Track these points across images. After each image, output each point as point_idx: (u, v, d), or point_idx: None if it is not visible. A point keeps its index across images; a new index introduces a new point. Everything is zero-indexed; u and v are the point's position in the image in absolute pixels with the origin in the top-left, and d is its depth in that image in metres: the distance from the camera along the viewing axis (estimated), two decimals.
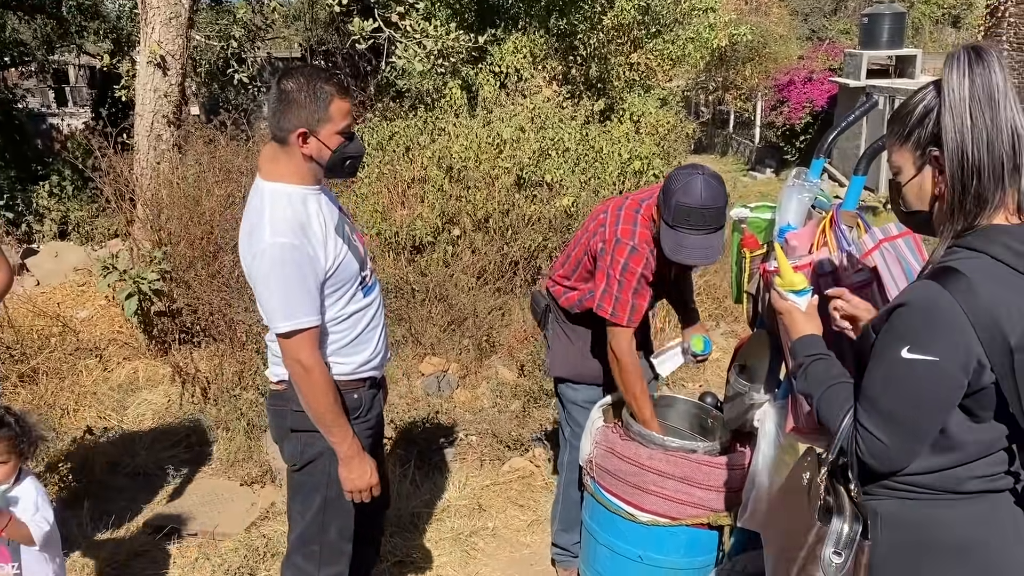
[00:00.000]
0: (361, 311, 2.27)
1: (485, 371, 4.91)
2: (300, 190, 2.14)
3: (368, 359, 2.31)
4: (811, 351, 1.65)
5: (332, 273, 2.14)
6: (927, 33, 20.95)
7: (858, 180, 2.37)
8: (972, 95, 1.39)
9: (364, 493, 2.24)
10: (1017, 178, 1.42)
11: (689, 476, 2.41)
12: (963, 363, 1.38)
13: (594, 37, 8.39)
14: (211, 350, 4.80)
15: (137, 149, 6.36)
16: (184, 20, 6.31)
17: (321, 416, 2.15)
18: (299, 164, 2.13)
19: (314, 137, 2.09)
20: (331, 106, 2.08)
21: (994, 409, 1.43)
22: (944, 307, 1.37)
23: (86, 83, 21.21)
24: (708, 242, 2.50)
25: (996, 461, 1.48)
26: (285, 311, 2.07)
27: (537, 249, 5.93)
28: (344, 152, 2.15)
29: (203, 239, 5.22)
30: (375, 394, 2.39)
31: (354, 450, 2.19)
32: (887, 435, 1.44)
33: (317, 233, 2.11)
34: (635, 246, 2.59)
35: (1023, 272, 1.37)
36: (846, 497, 1.56)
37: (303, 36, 15.88)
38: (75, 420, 4.32)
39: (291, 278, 2.05)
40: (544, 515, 3.57)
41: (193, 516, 3.54)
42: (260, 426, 4.07)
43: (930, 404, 1.42)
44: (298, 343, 2.09)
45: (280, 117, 2.09)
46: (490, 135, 6.35)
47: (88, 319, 5.47)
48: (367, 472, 2.21)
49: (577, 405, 2.99)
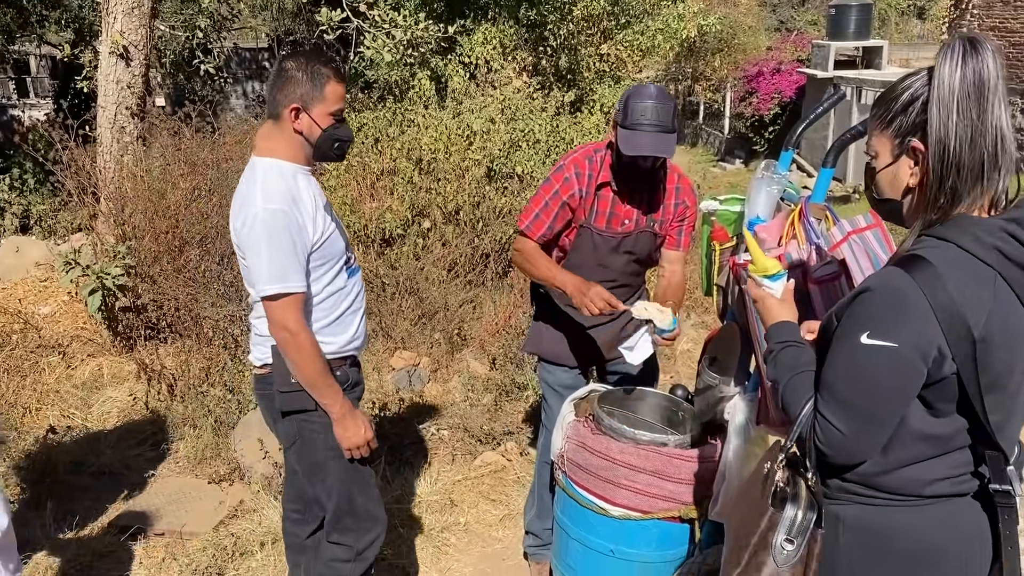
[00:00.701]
0: (343, 291, 2.35)
1: (456, 365, 4.89)
2: (291, 166, 2.24)
3: (350, 340, 2.41)
4: (782, 338, 1.63)
5: (319, 246, 2.23)
6: (893, 24, 21.18)
7: (826, 172, 2.37)
8: (962, 89, 1.37)
9: (362, 448, 2.32)
10: (996, 178, 1.40)
11: (660, 470, 2.40)
12: (923, 351, 1.36)
13: (564, 28, 8.35)
14: (177, 346, 4.72)
15: (100, 141, 6.23)
16: (147, 10, 6.18)
17: (311, 380, 2.22)
18: (290, 140, 2.23)
19: (306, 114, 2.19)
20: (326, 87, 2.19)
21: (954, 402, 1.41)
22: (907, 294, 1.36)
23: (48, 74, 20.78)
24: (661, 140, 2.56)
25: (959, 461, 1.46)
26: (273, 274, 2.14)
27: (508, 241, 5.91)
28: (334, 134, 2.25)
29: (168, 233, 5.13)
30: (358, 371, 2.48)
31: (345, 408, 2.27)
32: (844, 423, 1.42)
33: (307, 206, 2.20)
34: (562, 164, 2.75)
35: (990, 263, 1.36)
36: (803, 485, 1.54)
37: (270, 26, 15.66)
38: (37, 419, 4.23)
39: (281, 243, 2.13)
40: (516, 510, 3.56)
41: (160, 515, 3.48)
42: (228, 423, 4.02)
43: (888, 392, 1.40)
44: (285, 307, 2.16)
45: (276, 92, 2.20)
46: (460, 127, 6.30)
47: (50, 315, 5.35)
48: (361, 428, 2.30)
49: (552, 389, 3.02)
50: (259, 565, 3.17)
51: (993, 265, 1.36)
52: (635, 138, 2.55)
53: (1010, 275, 1.37)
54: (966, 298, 1.34)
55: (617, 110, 2.65)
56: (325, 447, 2.33)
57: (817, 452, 1.48)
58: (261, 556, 3.21)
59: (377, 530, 2.46)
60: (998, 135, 1.38)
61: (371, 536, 2.45)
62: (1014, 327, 1.38)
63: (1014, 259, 1.37)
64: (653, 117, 2.54)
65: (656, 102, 2.55)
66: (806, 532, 1.51)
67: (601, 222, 2.79)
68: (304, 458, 2.38)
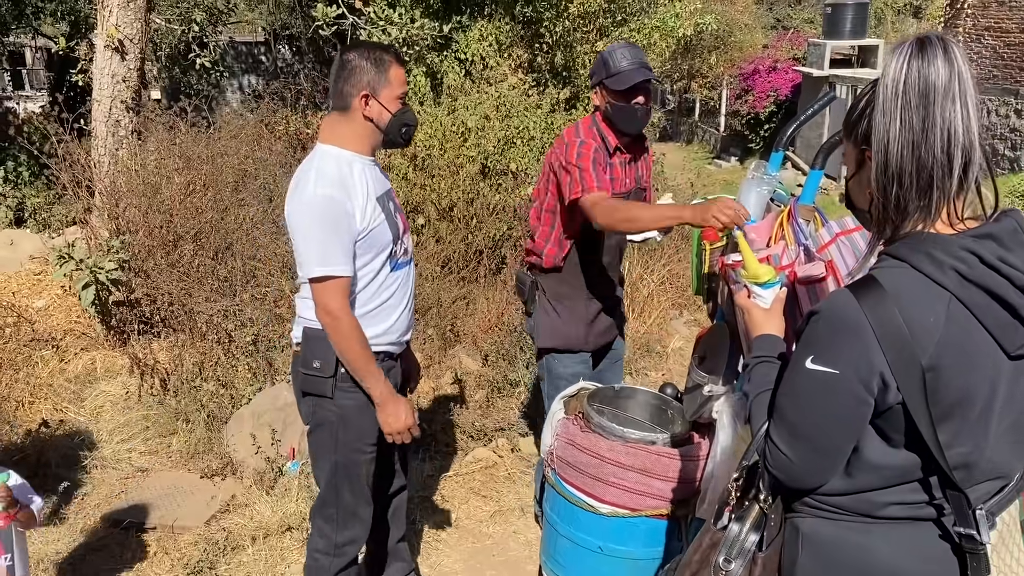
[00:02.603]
0: (385, 283, 2.38)
1: (449, 361, 4.90)
2: (350, 155, 2.29)
3: (384, 332, 2.40)
4: (760, 352, 1.59)
5: (364, 236, 2.25)
6: (889, 23, 21.19)
7: (815, 174, 2.39)
8: (904, 92, 1.27)
9: (403, 435, 2.35)
10: (949, 188, 1.30)
11: (649, 468, 2.42)
12: (864, 378, 1.29)
13: (560, 25, 8.34)
14: (171, 341, 4.72)
15: (95, 135, 6.23)
16: (142, 3, 6.18)
17: (353, 363, 2.27)
18: (358, 129, 2.29)
19: (375, 100, 2.26)
20: (390, 71, 2.26)
21: (903, 433, 1.33)
22: (850, 318, 1.29)
23: (43, 66, 20.71)
24: (646, 71, 2.86)
25: (916, 489, 1.37)
26: (321, 257, 2.19)
27: (502, 238, 5.92)
28: (402, 118, 2.31)
29: (163, 227, 5.13)
30: (391, 368, 2.48)
31: (387, 394, 2.31)
32: (790, 448, 1.38)
33: (358, 194, 2.25)
34: (582, 140, 2.88)
35: (946, 286, 1.27)
36: (756, 506, 1.50)
37: (266, 20, 15.62)
38: (30, 412, 4.24)
39: (329, 228, 2.19)
40: (507, 506, 3.58)
41: (151, 509, 3.49)
42: (220, 418, 4.03)
43: (831, 419, 1.34)
44: (330, 290, 2.21)
45: (343, 84, 2.26)
46: (455, 123, 6.31)
47: (44, 309, 5.36)
48: (402, 413, 2.33)
49: (564, 380, 3.08)
50: (251, 560, 3.19)
51: (949, 287, 1.27)
52: (628, 74, 2.82)
53: (969, 297, 1.27)
54: (914, 324, 1.26)
55: (596, 72, 2.91)
56: (331, 436, 2.38)
57: (768, 474, 1.44)
58: (252, 551, 3.23)
59: (357, 529, 2.49)
60: (948, 140, 1.27)
61: (350, 533, 2.48)
62: (972, 352, 1.29)
63: (975, 280, 1.27)
64: (633, 58, 2.85)
65: (629, 48, 2.89)
66: (747, 554, 1.48)
67: (617, 187, 2.97)
68: (312, 439, 2.44)
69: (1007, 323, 1.28)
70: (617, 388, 2.85)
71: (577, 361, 3.13)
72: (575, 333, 3.09)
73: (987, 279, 1.27)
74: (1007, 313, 1.28)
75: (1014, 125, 11.79)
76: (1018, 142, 11.60)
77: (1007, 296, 1.27)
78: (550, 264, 3.06)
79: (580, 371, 3.11)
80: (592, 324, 3.11)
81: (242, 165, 5.97)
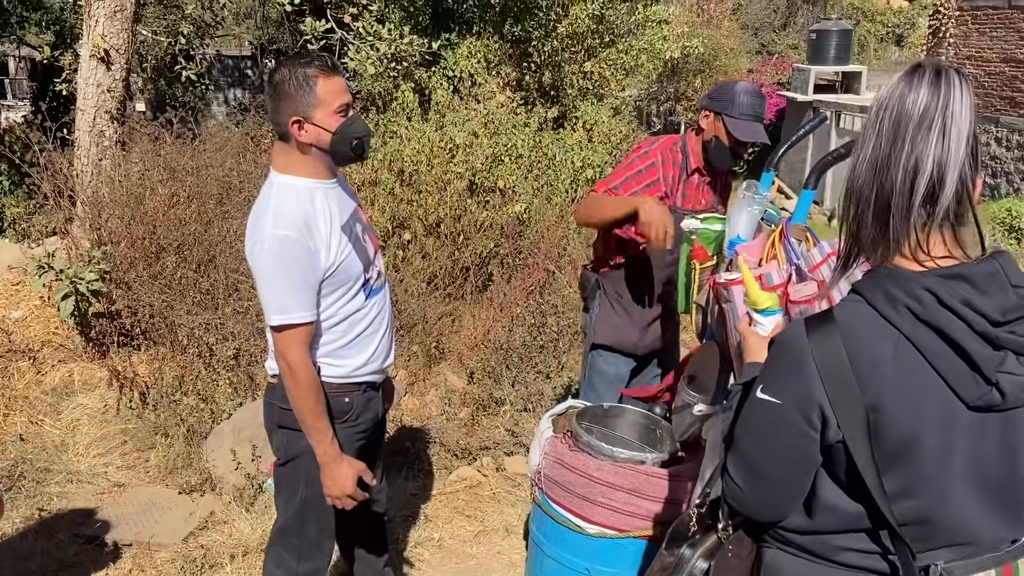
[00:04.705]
0: (360, 313, 2.25)
1: (434, 378, 4.86)
2: (310, 183, 2.14)
3: (364, 363, 2.30)
4: (746, 379, 1.55)
5: (332, 272, 2.13)
6: (872, 51, 21.49)
7: (807, 194, 2.38)
8: (879, 114, 1.24)
9: (343, 501, 2.22)
10: (907, 216, 1.23)
11: (637, 488, 2.39)
12: (804, 409, 1.27)
13: (548, 44, 8.39)
14: (151, 353, 4.66)
15: (78, 145, 6.16)
16: (129, 14, 6.14)
17: (302, 417, 2.16)
18: (304, 155, 2.13)
19: (309, 123, 2.08)
20: (318, 87, 2.06)
21: (846, 474, 1.29)
22: (795, 350, 1.28)
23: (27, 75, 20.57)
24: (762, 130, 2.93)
25: (868, 538, 1.32)
26: (279, 304, 2.08)
27: (489, 255, 5.90)
28: (346, 132, 2.12)
29: (145, 239, 5.07)
30: (372, 398, 2.37)
31: (330, 455, 2.17)
32: (741, 479, 1.37)
33: (321, 230, 2.10)
34: (648, 150, 2.98)
35: (896, 324, 1.22)
36: (713, 534, 1.48)
37: (254, 34, 15.62)
38: (5, 425, 4.15)
39: (288, 272, 2.06)
40: (491, 526, 3.53)
41: (128, 525, 3.42)
42: (200, 432, 3.97)
43: (777, 450, 1.32)
44: (287, 339, 2.10)
45: (275, 112, 2.10)
46: (443, 139, 6.30)
47: (22, 320, 5.27)
48: (343, 478, 2.19)
49: (605, 379, 3.19)
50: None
51: (899, 326, 1.22)
52: (747, 126, 2.88)
53: (920, 338, 1.22)
54: (859, 360, 1.23)
55: (715, 100, 2.93)
56: (303, 471, 2.28)
57: (726, 504, 1.42)
58: (231, 568, 3.16)
59: (319, 561, 2.39)
60: (914, 170, 1.20)
61: (312, 564, 2.37)
62: (918, 395, 1.23)
63: (927, 321, 1.21)
64: (759, 109, 2.91)
65: (757, 97, 2.92)
66: None
67: (688, 204, 3.03)
68: (282, 471, 2.34)
69: (962, 371, 1.21)
70: (606, 407, 2.82)
71: (623, 362, 3.20)
72: (629, 333, 3.15)
73: (941, 320, 1.20)
74: (962, 360, 1.21)
75: (994, 153, 11.95)
76: (998, 170, 11.76)
77: (961, 340, 1.20)
78: (613, 260, 3.13)
79: (623, 373, 3.19)
80: (647, 328, 3.16)
81: (227, 177, 5.92)
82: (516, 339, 4.92)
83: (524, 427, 4.21)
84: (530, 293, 5.46)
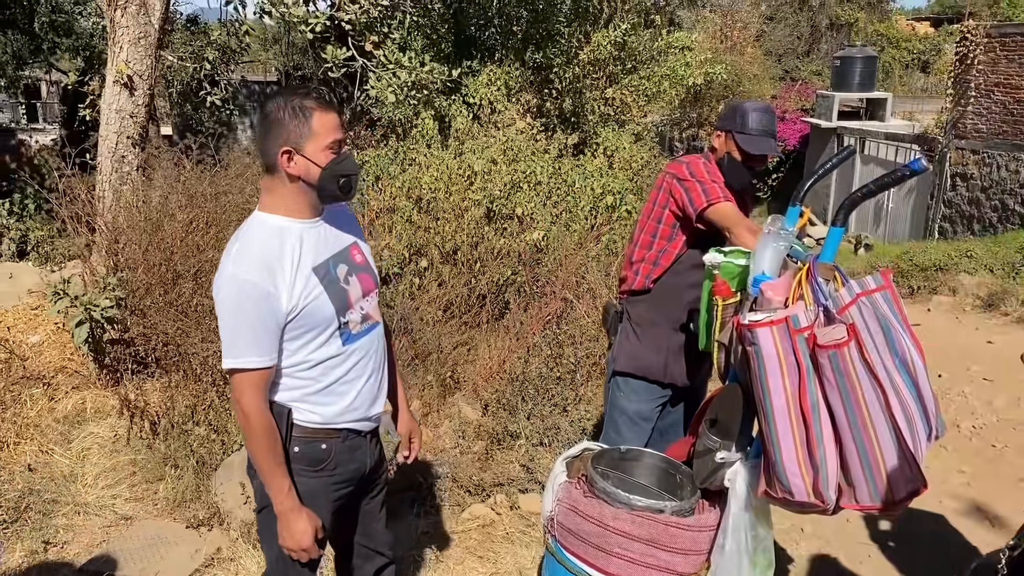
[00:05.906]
0: (337, 359, 2.12)
1: (448, 409, 4.76)
2: (284, 222, 2.05)
3: (343, 411, 2.16)
4: None
5: (295, 316, 2.02)
6: (897, 77, 21.33)
7: (836, 231, 2.28)
8: None
9: (298, 554, 2.10)
10: None
11: (656, 538, 2.28)
12: None
13: (570, 71, 8.37)
14: (164, 381, 4.60)
15: (100, 170, 6.19)
16: (153, 40, 6.18)
17: (257, 464, 2.07)
18: (290, 191, 2.04)
19: (299, 155, 2.00)
20: (313, 119, 1.99)
21: None
22: None
23: (58, 100, 20.93)
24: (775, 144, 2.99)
25: None
26: (231, 347, 1.99)
27: (505, 283, 5.81)
28: (335, 169, 2.03)
29: (162, 265, 5.04)
30: (357, 447, 2.24)
31: (287, 506, 2.06)
32: None
33: (285, 272, 2.00)
34: (690, 162, 3.00)
35: None
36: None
37: (279, 61, 15.78)
38: (15, 454, 4.10)
39: (243, 315, 1.97)
40: (503, 568, 3.41)
41: (133, 561, 3.34)
42: (210, 464, 3.89)
43: None
44: (239, 383, 2.00)
45: (264, 141, 2.02)
46: (461, 166, 6.25)
47: (38, 345, 5.25)
48: (299, 532, 2.07)
49: (626, 415, 3.13)
50: None
51: None
52: (760, 141, 2.93)
53: None
54: None
55: (725, 120, 3.00)
56: None
57: None
58: None
59: None
60: None
61: None
62: None
63: None
64: (769, 125, 2.96)
65: (766, 113, 2.98)
66: None
67: None
68: (262, 518, 2.23)
69: None
70: (623, 450, 2.71)
71: (646, 398, 3.11)
72: (653, 359, 3.06)
73: None
74: None
75: (1023, 180, 11.73)
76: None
77: None
78: (640, 285, 3.07)
79: (645, 411, 3.11)
80: (673, 355, 3.05)
81: (247, 204, 5.89)
82: (532, 370, 4.81)
83: (539, 463, 4.09)
84: (547, 322, 5.37)
